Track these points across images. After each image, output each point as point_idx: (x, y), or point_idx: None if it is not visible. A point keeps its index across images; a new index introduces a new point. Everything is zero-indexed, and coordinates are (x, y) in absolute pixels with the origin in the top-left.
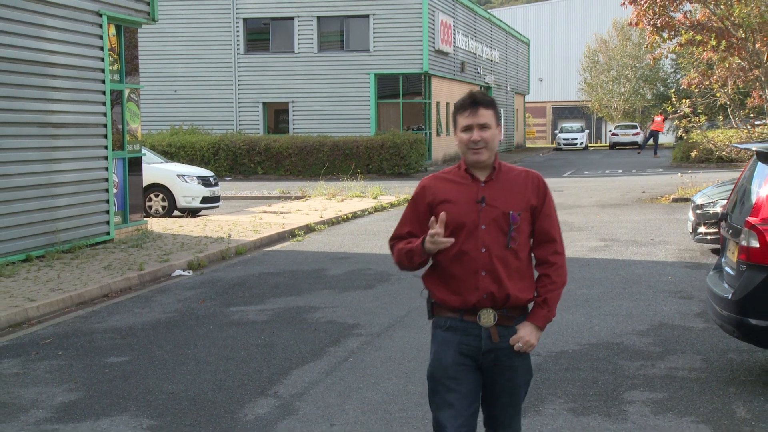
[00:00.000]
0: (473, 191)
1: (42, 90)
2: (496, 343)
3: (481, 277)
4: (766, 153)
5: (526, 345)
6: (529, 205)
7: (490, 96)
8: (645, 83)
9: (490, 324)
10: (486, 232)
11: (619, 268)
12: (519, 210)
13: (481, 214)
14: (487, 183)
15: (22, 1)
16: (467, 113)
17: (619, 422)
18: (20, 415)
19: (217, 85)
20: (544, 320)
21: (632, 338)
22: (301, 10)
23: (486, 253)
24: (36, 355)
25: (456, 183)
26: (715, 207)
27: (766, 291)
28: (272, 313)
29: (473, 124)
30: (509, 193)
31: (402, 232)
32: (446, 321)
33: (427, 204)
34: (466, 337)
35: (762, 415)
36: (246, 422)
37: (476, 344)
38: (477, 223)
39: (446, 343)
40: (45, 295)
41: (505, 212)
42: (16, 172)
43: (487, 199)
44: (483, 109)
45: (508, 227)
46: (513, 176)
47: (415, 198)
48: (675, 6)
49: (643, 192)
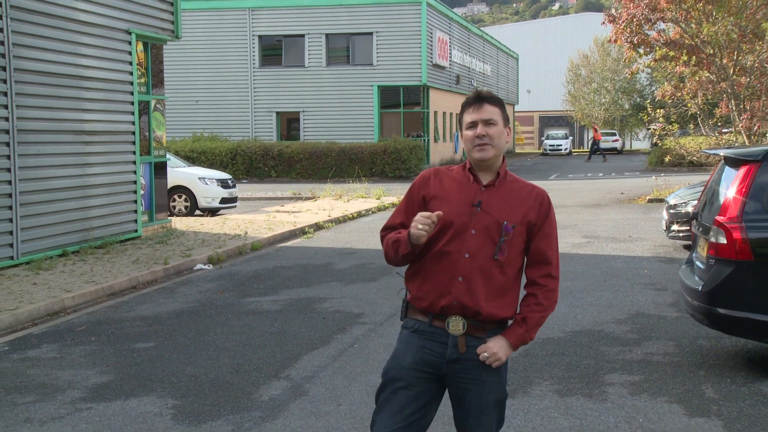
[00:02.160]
0: (471, 193)
1: (77, 101)
2: (462, 354)
3: (457, 282)
4: (732, 158)
5: (492, 357)
6: (527, 219)
7: (498, 96)
8: (623, 94)
9: (458, 332)
10: (474, 238)
11: (600, 262)
12: (514, 222)
13: (473, 218)
14: (488, 188)
15: (62, 21)
16: (471, 109)
17: (599, 402)
18: (58, 395)
19: (234, 96)
20: (518, 339)
21: (612, 326)
22: (310, 28)
23: (469, 259)
24: (71, 340)
25: (456, 180)
26: (687, 207)
27: (732, 283)
28: (284, 304)
29: (477, 119)
30: (508, 202)
31: (395, 222)
32: (415, 323)
33: (422, 196)
34: (431, 342)
35: (728, 396)
36: (261, 403)
37: (440, 351)
38: (467, 227)
39: (408, 344)
40: (79, 286)
41: (498, 221)
42: (53, 175)
43: (484, 204)
44: (488, 105)
45: (499, 237)
46: (517, 187)
47: (412, 189)
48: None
49: (622, 193)
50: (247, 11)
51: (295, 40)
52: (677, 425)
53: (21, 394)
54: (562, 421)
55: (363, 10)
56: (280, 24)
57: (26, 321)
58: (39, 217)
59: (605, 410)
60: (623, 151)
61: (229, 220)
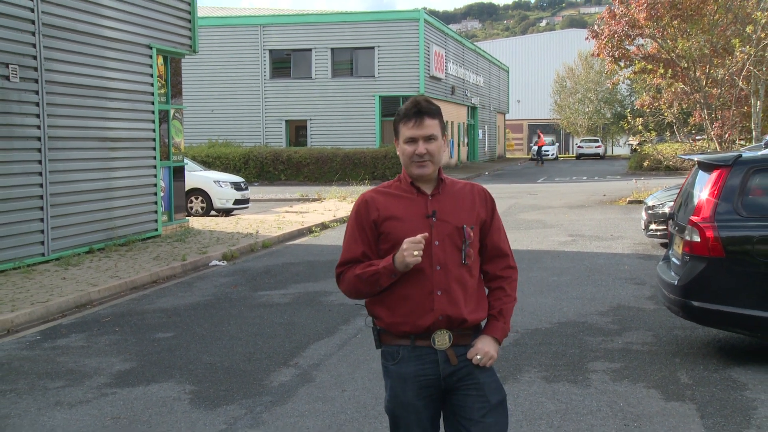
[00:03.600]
0: (421, 205)
1: (102, 110)
2: (456, 365)
3: (437, 297)
4: (705, 163)
5: (486, 356)
6: (479, 218)
7: (436, 105)
8: (605, 104)
9: (445, 346)
10: (440, 249)
11: (584, 258)
12: (471, 224)
13: (433, 229)
14: (435, 196)
15: (89, 38)
16: (411, 123)
17: (583, 388)
18: (85, 380)
19: (247, 106)
20: (501, 332)
21: (595, 318)
22: (317, 43)
23: (441, 271)
24: (97, 330)
25: (400, 197)
26: (664, 208)
27: (705, 278)
28: (293, 297)
29: (418, 136)
30: (459, 206)
31: (355, 255)
32: (397, 351)
33: (371, 221)
34: (422, 366)
35: (701, 381)
36: (271, 388)
37: (434, 372)
38: (429, 240)
39: (401, 378)
40: (105, 281)
41: (458, 226)
42: (81, 178)
43: (438, 214)
44: (429, 119)
45: (462, 242)
46: (458, 189)
47: (357, 214)
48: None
49: (604, 195)
50: (258, 27)
51: (303, 54)
52: (654, 409)
53: (52, 380)
54: (549, 406)
55: (365, 26)
56: (289, 39)
57: (56, 312)
58: (68, 217)
59: (589, 395)
60: (605, 156)
61: (242, 219)
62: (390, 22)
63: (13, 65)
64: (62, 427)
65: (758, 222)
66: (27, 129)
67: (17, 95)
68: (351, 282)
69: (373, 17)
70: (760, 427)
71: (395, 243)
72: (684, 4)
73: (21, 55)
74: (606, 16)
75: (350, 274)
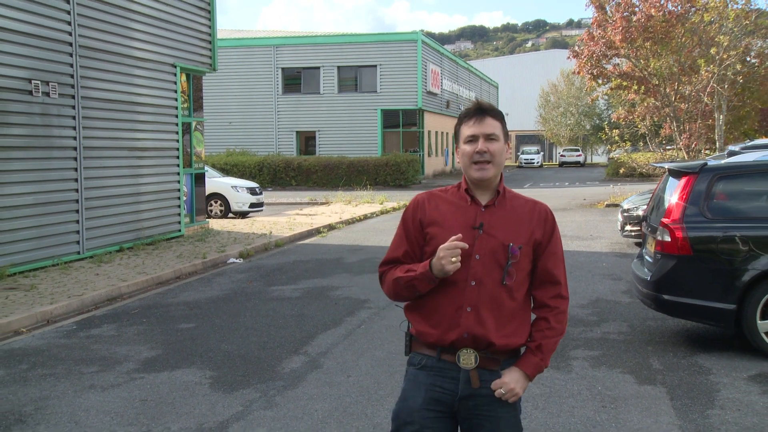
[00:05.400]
0: (471, 215)
1: (131, 123)
2: (476, 389)
3: (465, 313)
4: (675, 170)
5: (510, 393)
6: (533, 239)
7: (499, 109)
8: (585, 117)
9: (470, 366)
10: (479, 264)
11: (567, 257)
12: (520, 243)
13: (476, 242)
14: (489, 208)
15: (120, 57)
16: (472, 122)
17: (566, 373)
18: (116, 366)
19: (261, 118)
20: (535, 369)
21: (576, 310)
22: (325, 62)
23: (475, 287)
24: (127, 321)
25: (452, 203)
26: (638, 211)
27: (675, 274)
28: (303, 291)
29: (479, 133)
30: (512, 222)
31: (397, 255)
32: (422, 359)
33: (418, 221)
34: (441, 378)
35: (671, 367)
36: (283, 374)
37: (451, 388)
38: (470, 252)
39: (417, 383)
40: (133, 276)
41: (504, 243)
42: (112, 184)
43: (486, 227)
44: (490, 119)
45: (506, 261)
46: (518, 204)
47: (406, 215)
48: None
49: (584, 199)
50: (272, 48)
51: (312, 72)
52: (629, 391)
53: (86, 365)
54: (535, 389)
55: (369, 46)
56: (299, 58)
57: (90, 305)
58: (100, 219)
59: (570, 380)
60: (585, 164)
61: (257, 221)
62: (391, 42)
63: (53, 83)
64: (96, 407)
65: (722, 224)
66: (64, 140)
67: (56, 110)
68: (390, 285)
69: (375, 38)
70: (722, 407)
71: (436, 249)
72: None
73: (60, 74)
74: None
75: (390, 277)
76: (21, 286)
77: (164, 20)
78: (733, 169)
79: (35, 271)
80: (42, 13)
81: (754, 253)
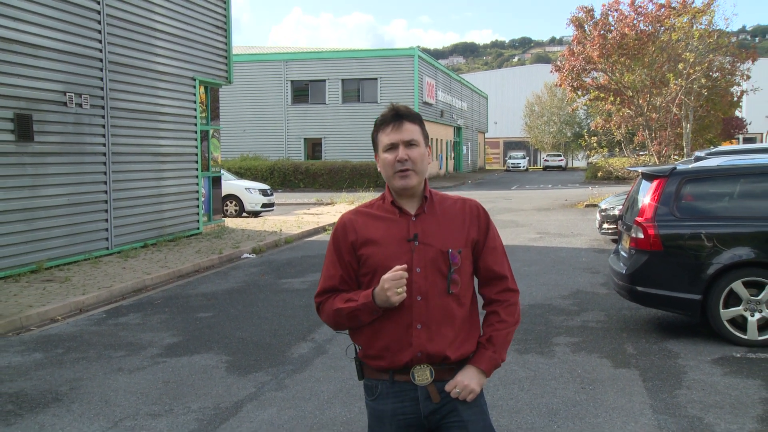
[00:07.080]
0: (403, 228)
1: (154, 131)
2: (438, 403)
3: (416, 331)
4: (648, 173)
5: (465, 390)
6: (470, 239)
7: (416, 111)
8: (566, 125)
9: (426, 381)
10: (421, 277)
11: (550, 252)
12: (459, 247)
13: (414, 254)
14: (419, 216)
15: (145, 72)
16: (390, 128)
17: (549, 358)
18: (141, 351)
19: (272, 126)
20: (489, 363)
21: (558, 300)
22: (330, 75)
23: (422, 302)
24: (151, 311)
25: (381, 219)
26: (614, 210)
27: (647, 267)
28: (310, 284)
29: (398, 141)
30: (445, 227)
31: (333, 283)
32: (376, 385)
33: (350, 243)
34: (400, 404)
35: (644, 352)
36: (292, 359)
37: (414, 410)
38: (410, 267)
39: (380, 419)
40: (156, 270)
41: (443, 251)
42: (137, 186)
43: (421, 236)
44: (408, 124)
45: (448, 269)
46: (448, 206)
47: (335, 239)
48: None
49: (566, 200)
50: (282, 62)
51: (319, 84)
52: (606, 374)
53: (114, 350)
54: (521, 373)
55: (370, 61)
56: (307, 71)
57: (118, 296)
58: (127, 218)
59: (553, 364)
60: (567, 168)
61: (268, 220)
62: (390, 57)
63: (85, 95)
64: (124, 388)
65: (689, 222)
66: (95, 146)
67: (88, 119)
68: (331, 316)
69: (376, 54)
70: (689, 387)
71: (375, 270)
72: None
73: (91, 87)
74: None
75: (329, 307)
76: (56, 278)
77: (185, 38)
78: (699, 173)
79: (69, 265)
80: (75, 32)
81: (717, 248)
